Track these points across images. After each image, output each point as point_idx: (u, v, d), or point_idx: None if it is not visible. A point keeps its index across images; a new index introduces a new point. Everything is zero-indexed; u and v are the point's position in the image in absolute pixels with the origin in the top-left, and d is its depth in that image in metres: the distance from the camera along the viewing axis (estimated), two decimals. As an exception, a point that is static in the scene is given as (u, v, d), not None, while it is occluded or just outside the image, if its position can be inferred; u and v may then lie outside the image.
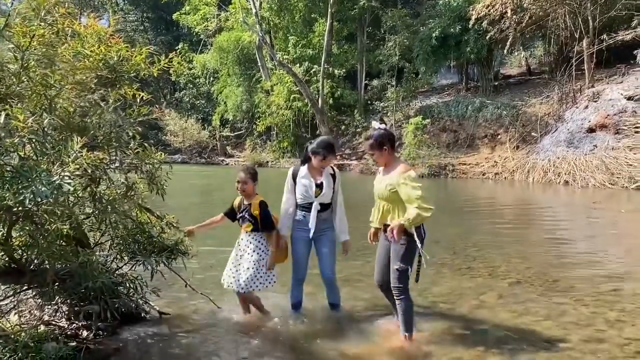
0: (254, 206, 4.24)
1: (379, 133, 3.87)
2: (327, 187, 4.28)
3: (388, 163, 3.92)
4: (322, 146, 4.23)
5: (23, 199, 2.57)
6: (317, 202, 4.28)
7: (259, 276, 4.26)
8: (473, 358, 3.68)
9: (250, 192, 4.27)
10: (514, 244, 7.92)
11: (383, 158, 3.91)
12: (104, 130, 3.10)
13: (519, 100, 22.47)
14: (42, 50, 3.11)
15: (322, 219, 4.31)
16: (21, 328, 3.77)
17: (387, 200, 3.85)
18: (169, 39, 40.45)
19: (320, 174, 4.32)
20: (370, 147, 3.92)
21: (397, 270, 3.78)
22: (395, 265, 3.79)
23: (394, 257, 3.82)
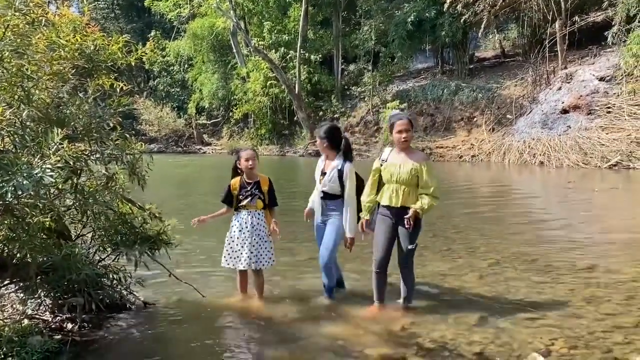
0: (263, 182, 4.47)
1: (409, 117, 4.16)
2: (328, 179, 4.35)
3: (409, 147, 4.11)
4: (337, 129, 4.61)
5: (4, 192, 2.53)
6: (320, 189, 4.45)
7: (272, 253, 4.51)
8: (456, 336, 3.76)
9: (257, 171, 4.46)
10: (493, 224, 8.08)
11: (410, 141, 4.08)
12: (83, 121, 3.06)
13: (494, 82, 22.70)
14: (17, 40, 3.04)
15: (327, 207, 4.45)
16: (4, 323, 3.74)
17: (408, 185, 3.98)
18: (141, 26, 39.70)
19: (330, 164, 4.44)
20: (411, 125, 4.07)
21: (411, 250, 4.08)
22: (410, 245, 4.06)
23: (406, 239, 4.06)
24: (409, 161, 4.01)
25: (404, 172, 3.97)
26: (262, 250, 4.40)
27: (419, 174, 3.96)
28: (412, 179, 3.96)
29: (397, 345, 3.65)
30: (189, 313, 4.34)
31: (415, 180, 3.97)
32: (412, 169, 3.95)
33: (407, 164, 3.99)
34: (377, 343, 3.69)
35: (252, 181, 4.45)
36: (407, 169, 3.97)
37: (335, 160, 4.41)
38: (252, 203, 4.41)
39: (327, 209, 4.46)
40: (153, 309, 4.45)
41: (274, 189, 4.57)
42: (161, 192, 11.38)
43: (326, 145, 4.45)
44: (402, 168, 3.99)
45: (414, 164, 3.97)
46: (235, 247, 4.40)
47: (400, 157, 4.08)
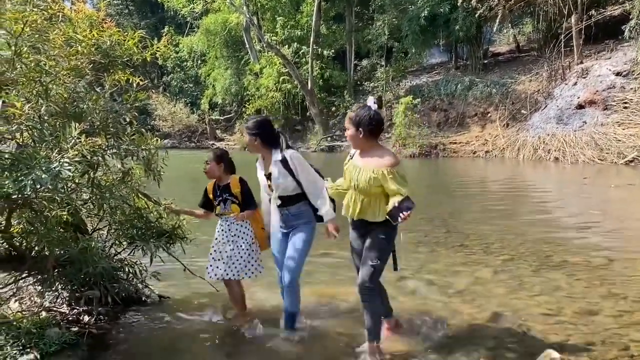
0: (233, 184, 3.96)
1: (364, 111, 3.27)
2: (276, 177, 3.64)
3: (365, 149, 3.33)
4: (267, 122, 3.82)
5: (23, 186, 2.56)
6: (275, 197, 3.73)
7: (251, 263, 4.01)
8: (469, 331, 3.76)
9: (216, 173, 3.97)
10: (507, 220, 8.02)
11: (355, 140, 3.31)
12: (100, 116, 3.09)
13: (508, 77, 22.46)
14: (35, 36, 3.08)
15: (290, 215, 3.73)
16: (23, 315, 3.80)
17: (367, 194, 3.26)
18: (155, 22, 39.87)
19: (270, 161, 3.73)
20: (349, 121, 3.32)
21: (373, 266, 3.29)
22: (372, 261, 3.29)
23: (369, 251, 3.33)
24: (369, 167, 3.24)
25: (362, 180, 3.24)
26: (240, 259, 3.94)
27: (382, 183, 3.18)
28: (371, 188, 3.21)
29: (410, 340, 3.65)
30: (204, 307, 4.38)
31: (377, 189, 3.21)
32: (372, 178, 3.19)
33: (367, 170, 3.23)
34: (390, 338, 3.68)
35: (222, 184, 4.00)
36: (366, 177, 3.22)
37: (272, 155, 3.70)
38: (226, 209, 3.98)
39: (290, 217, 3.74)
40: (167, 302, 4.50)
41: (249, 188, 4.00)
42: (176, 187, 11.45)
43: (258, 143, 3.70)
44: (361, 174, 3.25)
45: (375, 170, 3.19)
46: (216, 256, 4.03)
47: (361, 160, 3.34)
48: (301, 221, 3.73)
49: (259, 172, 3.84)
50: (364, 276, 3.31)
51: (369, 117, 3.23)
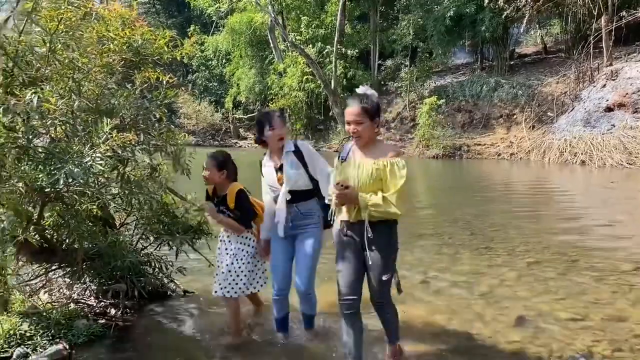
0: (230, 197, 3.60)
1: (376, 100, 2.98)
2: (288, 169, 3.39)
3: (371, 142, 3.01)
4: (264, 114, 3.59)
5: (56, 180, 2.63)
6: (285, 191, 3.41)
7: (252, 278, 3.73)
8: (493, 334, 3.73)
9: (216, 181, 3.64)
10: (532, 224, 7.91)
11: (368, 133, 2.95)
12: (131, 112, 3.15)
13: (534, 79, 22.15)
14: (69, 33, 3.15)
15: (300, 213, 3.44)
16: (52, 306, 3.90)
17: (369, 191, 2.89)
18: (181, 20, 40.28)
19: (281, 154, 3.49)
20: (363, 112, 2.91)
21: (386, 281, 3.01)
22: (384, 275, 2.99)
23: (377, 266, 2.97)
24: (370, 161, 2.93)
25: (364, 175, 2.90)
26: (235, 275, 3.63)
27: (382, 176, 2.87)
28: (374, 183, 2.87)
29: (435, 341, 3.64)
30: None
31: (378, 185, 2.88)
32: (374, 170, 2.87)
33: (368, 163, 2.92)
34: (413, 339, 3.68)
35: (221, 194, 3.67)
36: (368, 171, 2.89)
37: (285, 146, 3.47)
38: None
39: (300, 216, 3.44)
40: (192, 297, 4.56)
41: (245, 202, 3.63)
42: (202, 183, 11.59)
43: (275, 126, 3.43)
44: (361, 169, 2.92)
45: (376, 162, 2.88)
46: (217, 268, 3.75)
47: (362, 156, 3.00)
48: (310, 223, 3.46)
49: (267, 168, 3.54)
50: (377, 293, 3.05)
51: (380, 106, 3.03)
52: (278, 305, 3.61)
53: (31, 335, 3.48)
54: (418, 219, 8.31)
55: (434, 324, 3.94)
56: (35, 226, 3.15)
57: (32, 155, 2.80)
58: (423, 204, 10.55)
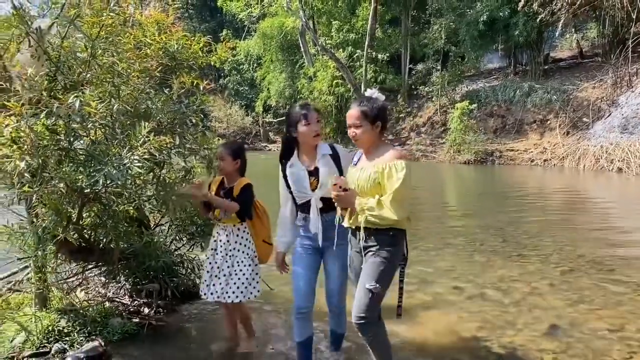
0: (237, 188, 3.44)
1: (377, 102, 2.85)
2: (325, 174, 3.04)
3: (373, 146, 2.86)
4: (299, 107, 3.17)
5: (95, 181, 2.71)
6: (317, 198, 3.05)
7: (253, 282, 3.51)
8: (526, 343, 3.67)
9: (229, 170, 3.49)
10: (566, 231, 7.75)
11: (368, 136, 2.83)
12: (168, 117, 3.22)
13: (569, 84, 21.70)
14: (109, 39, 3.24)
15: (330, 223, 3.04)
16: (88, 304, 4.01)
17: (369, 195, 2.73)
18: (213, 25, 40.86)
19: (314, 155, 3.13)
20: (362, 116, 2.81)
21: (369, 292, 2.68)
22: (368, 284, 2.68)
23: (366, 272, 2.75)
24: (370, 164, 2.80)
25: (362, 179, 2.77)
26: (242, 278, 3.44)
27: (380, 180, 2.70)
28: (373, 188, 2.71)
29: (465, 349, 3.61)
30: (257, 303, 4.45)
31: (379, 188, 2.71)
32: (373, 173, 2.72)
33: (368, 168, 2.78)
34: (444, 347, 3.65)
35: (228, 186, 3.50)
36: (367, 174, 2.75)
37: (319, 147, 3.15)
38: (226, 216, 3.47)
39: (329, 227, 3.05)
40: (223, 298, 4.61)
41: (249, 196, 3.45)
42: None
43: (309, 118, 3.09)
44: (362, 173, 2.80)
45: (376, 165, 2.73)
46: (210, 271, 3.54)
47: (366, 160, 2.89)
48: (342, 237, 3.03)
49: (295, 169, 3.13)
50: (359, 305, 2.71)
51: (384, 109, 2.85)
52: (300, 326, 3.15)
53: (69, 331, 3.59)
54: (449, 225, 8.24)
55: (465, 331, 3.90)
56: (74, 226, 3.24)
57: (73, 157, 2.90)
58: (454, 210, 10.45)
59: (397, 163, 2.68)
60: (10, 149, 2.60)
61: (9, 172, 2.66)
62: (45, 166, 2.75)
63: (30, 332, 3.51)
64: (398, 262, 2.81)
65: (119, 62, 3.24)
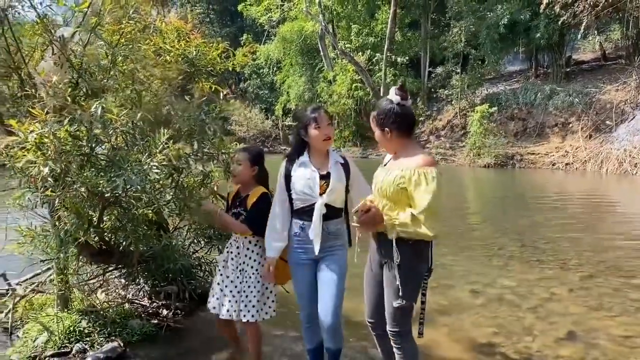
0: (252, 197, 3.21)
1: (385, 107, 2.70)
2: (336, 181, 2.97)
3: (397, 150, 2.74)
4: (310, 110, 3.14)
5: (116, 186, 2.78)
6: (323, 202, 2.93)
7: (269, 300, 3.31)
8: (542, 349, 3.66)
9: (245, 178, 3.27)
10: (586, 237, 7.65)
11: (384, 142, 2.75)
12: (187, 124, 3.28)
13: (592, 87, 21.39)
14: (129, 46, 3.32)
15: (329, 232, 2.96)
16: (109, 305, 4.10)
17: (391, 200, 2.61)
18: (234, 30, 41.22)
19: (325, 160, 3.05)
20: (373, 122, 2.78)
21: (397, 309, 2.65)
22: (395, 301, 2.63)
23: (390, 289, 2.66)
24: (395, 165, 2.68)
25: (387, 181, 2.63)
26: (249, 295, 3.20)
27: (407, 186, 2.54)
28: (396, 192, 2.57)
29: (480, 354, 3.60)
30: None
31: (403, 195, 2.56)
32: (398, 178, 2.56)
33: (393, 170, 2.64)
34: (458, 351, 3.65)
35: (243, 195, 3.29)
36: (392, 177, 2.61)
37: (331, 154, 3.08)
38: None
39: (329, 235, 2.97)
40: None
41: (264, 207, 3.12)
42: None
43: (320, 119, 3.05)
44: (387, 175, 2.66)
45: (404, 169, 2.57)
46: (221, 284, 3.31)
47: (394, 162, 2.75)
48: (337, 244, 3.01)
49: (304, 169, 3.00)
50: (391, 320, 2.72)
51: (393, 113, 2.66)
52: (310, 335, 3.16)
53: (89, 332, 3.68)
54: (467, 229, 8.19)
55: (480, 336, 3.89)
56: (95, 229, 3.32)
57: (94, 162, 2.97)
58: (473, 214, 10.38)
59: (428, 171, 2.50)
60: (35, 155, 2.68)
61: (33, 177, 2.75)
62: (68, 171, 2.83)
63: (52, 332, 3.61)
64: (423, 272, 2.68)
65: (140, 69, 3.32)
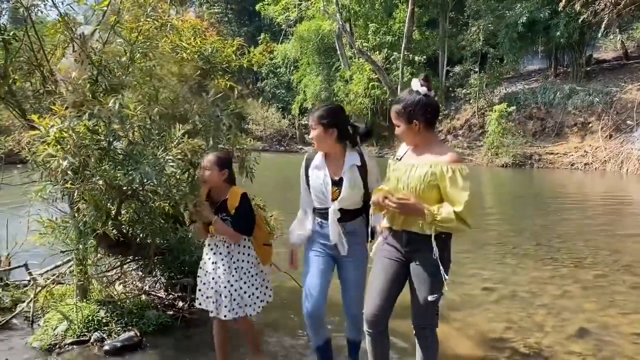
0: (231, 200, 3.09)
1: (413, 99, 2.60)
2: (349, 185, 2.88)
3: (420, 143, 2.64)
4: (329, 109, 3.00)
5: (132, 179, 2.87)
6: (336, 209, 2.90)
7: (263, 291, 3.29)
8: (553, 344, 3.66)
9: (215, 182, 3.12)
10: (602, 236, 7.58)
11: (408, 135, 2.64)
12: (202, 120, 3.36)
13: (613, 86, 21.09)
14: (147, 44, 3.42)
15: (346, 232, 2.95)
16: (126, 296, 4.20)
17: (421, 196, 2.51)
18: (252, 29, 41.44)
19: (340, 163, 2.93)
20: (396, 115, 2.64)
21: (432, 302, 2.64)
22: (430, 296, 2.61)
23: (423, 284, 2.62)
24: (422, 161, 2.57)
25: (415, 176, 2.54)
26: (246, 291, 3.15)
27: (439, 182, 2.49)
28: (427, 189, 2.50)
29: (490, 349, 3.62)
30: (288, 299, 4.54)
31: (433, 191, 2.50)
32: (428, 173, 2.50)
33: (421, 165, 2.55)
34: (469, 346, 3.68)
35: (219, 199, 3.14)
36: (422, 172, 2.52)
37: (348, 156, 2.93)
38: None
39: (347, 234, 2.94)
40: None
41: (249, 208, 3.14)
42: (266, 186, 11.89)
43: (335, 136, 2.89)
44: (414, 171, 2.56)
45: (434, 165, 2.50)
46: (210, 285, 3.18)
47: (415, 157, 2.64)
48: (356, 242, 2.98)
49: (319, 172, 2.96)
50: (422, 316, 2.70)
51: (424, 105, 2.56)
52: (314, 330, 3.07)
53: (107, 321, 3.79)
54: (483, 228, 8.17)
55: (491, 332, 3.91)
56: (113, 221, 3.41)
57: (112, 157, 3.06)
58: (490, 213, 10.34)
59: (462, 168, 2.46)
60: (55, 149, 2.78)
61: (53, 170, 2.85)
62: (87, 164, 2.92)
63: (71, 321, 3.73)
64: (448, 265, 2.64)
65: (157, 66, 3.41)
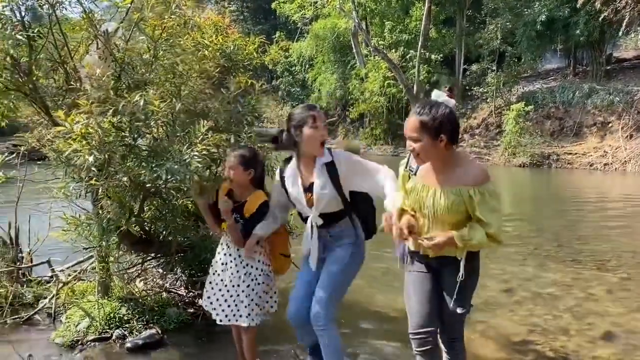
0: (250, 205, 3.00)
1: (443, 111, 2.34)
2: (322, 188, 2.74)
3: (441, 161, 2.38)
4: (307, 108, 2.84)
5: (157, 176, 2.86)
6: (315, 215, 2.82)
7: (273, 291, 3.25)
8: (578, 348, 3.60)
9: (241, 182, 3.01)
10: (625, 238, 7.46)
11: (430, 153, 2.33)
12: (224, 116, 3.35)
13: (634, 85, 20.76)
14: (170, 41, 3.41)
15: (330, 237, 2.87)
16: (147, 293, 4.21)
17: (450, 223, 2.38)
18: (267, 27, 41.50)
19: (313, 166, 2.81)
20: (421, 127, 2.31)
21: (460, 315, 2.51)
22: (459, 308, 2.47)
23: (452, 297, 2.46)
24: (451, 183, 2.34)
25: (442, 206, 2.34)
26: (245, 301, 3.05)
27: (467, 206, 2.31)
28: (453, 215, 2.34)
29: (515, 352, 3.57)
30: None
31: (460, 215, 2.35)
32: (455, 202, 2.31)
33: (449, 188, 2.33)
34: (493, 349, 3.62)
35: (241, 199, 3.04)
36: (450, 200, 2.32)
37: (318, 160, 2.79)
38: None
39: (331, 239, 2.86)
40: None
41: (260, 219, 2.99)
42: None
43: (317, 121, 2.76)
44: (439, 198, 2.34)
45: (459, 191, 2.31)
46: (216, 287, 3.15)
47: (434, 176, 2.40)
48: (345, 240, 2.87)
49: (291, 182, 2.88)
50: (453, 330, 2.59)
51: (452, 119, 2.36)
52: (300, 336, 3.07)
53: (128, 319, 3.79)
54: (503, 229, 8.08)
55: (515, 334, 3.85)
56: (136, 218, 3.41)
57: (137, 153, 3.06)
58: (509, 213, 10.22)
59: (490, 189, 2.30)
60: (80, 144, 2.78)
61: (78, 166, 2.85)
62: (111, 161, 2.92)
63: (93, 318, 3.74)
64: (477, 275, 2.56)
65: (179, 63, 3.40)
